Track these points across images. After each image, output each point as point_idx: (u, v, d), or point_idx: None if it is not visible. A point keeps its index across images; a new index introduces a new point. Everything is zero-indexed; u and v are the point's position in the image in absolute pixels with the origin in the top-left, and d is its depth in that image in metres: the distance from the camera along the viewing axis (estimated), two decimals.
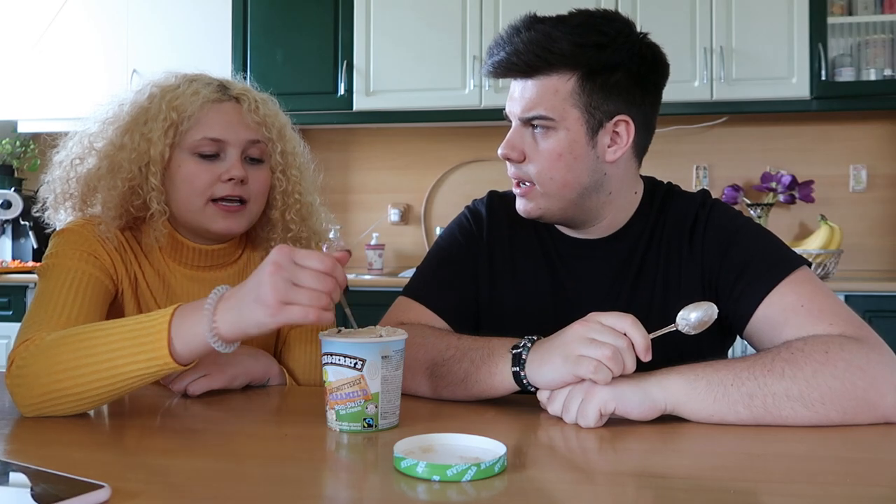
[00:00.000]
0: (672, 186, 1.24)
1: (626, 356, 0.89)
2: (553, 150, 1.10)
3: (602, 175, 1.13)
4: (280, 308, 0.83)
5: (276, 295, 0.83)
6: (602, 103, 1.09)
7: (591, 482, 0.76)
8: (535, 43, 1.08)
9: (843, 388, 0.90)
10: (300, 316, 0.84)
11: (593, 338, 0.90)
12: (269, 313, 0.84)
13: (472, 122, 3.29)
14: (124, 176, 1.15)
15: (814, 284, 1.05)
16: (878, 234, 3.18)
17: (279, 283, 0.83)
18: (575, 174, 1.11)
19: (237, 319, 0.87)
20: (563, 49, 1.07)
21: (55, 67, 3.44)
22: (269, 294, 0.83)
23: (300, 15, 3.21)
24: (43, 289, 1.10)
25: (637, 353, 0.90)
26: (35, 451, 0.85)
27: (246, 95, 1.20)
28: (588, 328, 0.91)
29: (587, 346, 0.90)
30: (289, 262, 0.84)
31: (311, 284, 0.84)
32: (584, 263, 1.20)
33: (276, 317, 0.84)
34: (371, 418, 0.90)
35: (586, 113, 1.09)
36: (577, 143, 1.10)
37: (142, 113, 1.16)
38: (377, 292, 2.89)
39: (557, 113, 1.09)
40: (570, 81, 1.08)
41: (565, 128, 1.10)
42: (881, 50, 2.94)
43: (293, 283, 0.84)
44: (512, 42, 1.10)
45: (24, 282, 3.07)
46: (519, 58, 1.09)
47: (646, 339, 0.90)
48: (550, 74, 1.09)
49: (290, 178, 1.25)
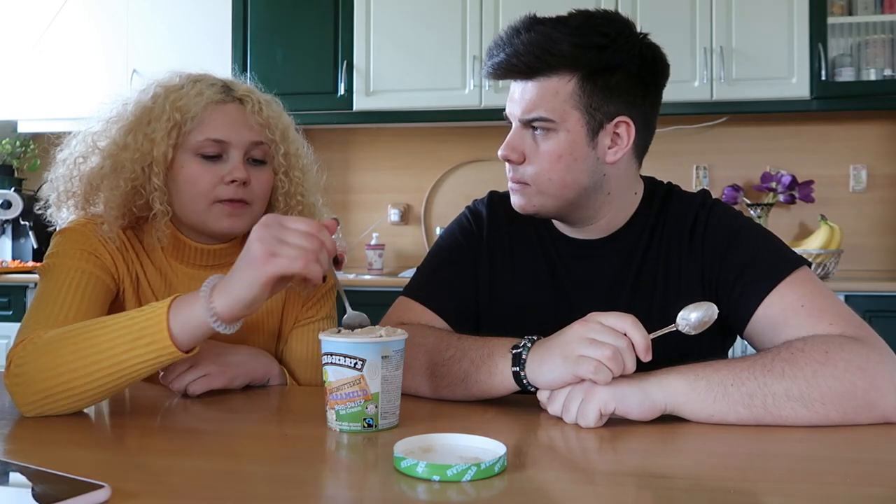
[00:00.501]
0: (672, 187, 1.23)
1: (627, 356, 0.89)
2: (553, 152, 1.10)
3: (601, 176, 1.13)
4: (267, 259, 0.87)
5: (263, 247, 0.87)
6: (602, 104, 1.09)
7: (591, 482, 0.76)
8: (535, 45, 1.07)
9: (843, 389, 0.90)
10: (286, 264, 0.87)
11: (593, 338, 0.90)
12: (257, 266, 0.88)
13: (472, 122, 3.29)
14: (127, 176, 1.15)
15: (814, 285, 1.05)
16: (878, 234, 3.18)
17: (266, 237, 0.88)
18: (574, 175, 1.11)
19: (231, 292, 0.90)
20: (564, 51, 1.07)
21: (55, 67, 3.44)
22: (257, 248, 0.87)
23: (300, 15, 3.21)
24: (43, 288, 1.10)
25: (637, 354, 0.90)
26: (35, 451, 0.85)
27: (250, 97, 1.21)
28: (588, 328, 0.91)
29: (587, 346, 0.90)
30: (275, 222, 0.89)
31: (297, 241, 0.88)
32: (583, 263, 1.20)
33: (264, 267, 0.87)
34: (371, 418, 0.90)
35: (587, 114, 1.09)
36: (578, 145, 1.10)
37: (145, 113, 1.17)
38: (377, 292, 2.89)
39: (558, 114, 1.09)
40: (571, 83, 1.08)
41: (566, 129, 1.09)
42: (881, 50, 2.94)
43: (280, 239, 0.88)
44: (512, 43, 1.09)
45: (24, 282, 3.07)
46: (519, 59, 1.09)
47: (646, 339, 0.90)
48: (550, 76, 1.09)
49: (292, 179, 1.25)
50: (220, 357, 1.11)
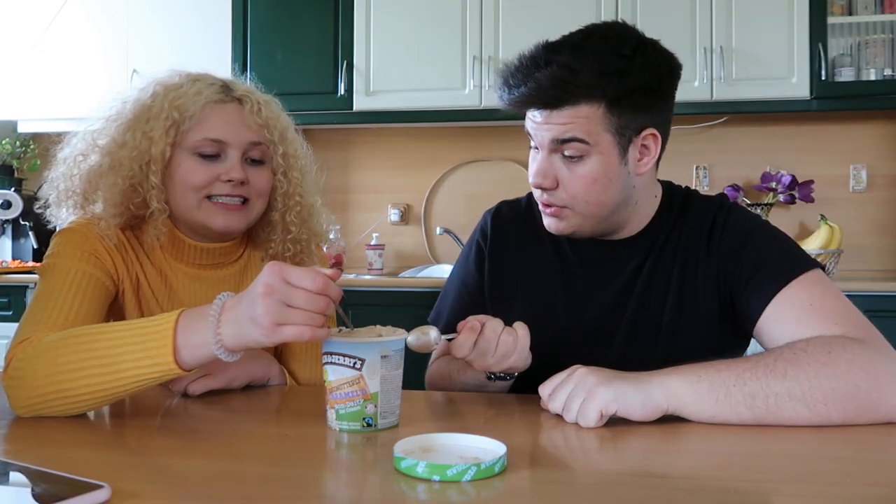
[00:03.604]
0: (690, 191, 1.25)
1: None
2: (588, 175, 1.10)
3: (632, 188, 1.15)
4: (275, 329, 0.84)
5: (270, 318, 0.83)
6: (630, 122, 1.10)
7: (591, 482, 0.76)
8: (557, 78, 1.06)
9: (845, 390, 0.90)
10: (295, 335, 0.84)
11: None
12: (264, 334, 0.84)
13: (472, 122, 3.29)
14: (125, 174, 1.15)
15: (824, 286, 1.06)
16: (878, 234, 3.18)
17: (272, 305, 0.83)
18: (609, 194, 1.12)
19: (237, 334, 0.87)
20: (588, 81, 1.06)
21: (55, 67, 3.43)
22: (264, 317, 0.83)
23: (300, 15, 3.21)
24: (43, 288, 1.10)
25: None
26: (35, 451, 0.85)
27: (249, 97, 1.20)
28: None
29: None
30: (281, 284, 0.84)
31: (304, 305, 0.84)
32: (599, 263, 1.21)
33: (271, 337, 0.84)
34: (370, 418, 0.90)
35: (617, 135, 1.09)
36: (611, 166, 1.10)
37: (144, 111, 1.17)
38: (377, 292, 2.88)
39: (592, 137, 1.08)
40: (600, 109, 1.08)
41: (598, 152, 1.09)
42: (881, 50, 2.93)
43: (286, 304, 0.84)
44: (533, 77, 1.07)
45: (24, 282, 3.07)
46: (542, 93, 1.08)
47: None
48: (578, 104, 1.08)
49: (290, 180, 1.25)
50: None
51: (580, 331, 1.19)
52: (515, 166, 3.38)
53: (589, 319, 1.19)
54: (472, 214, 3.35)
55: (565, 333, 1.19)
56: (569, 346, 1.15)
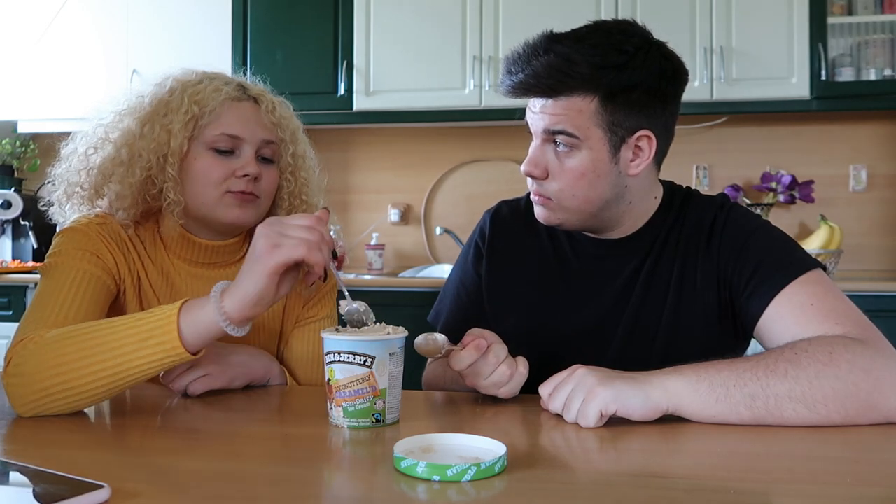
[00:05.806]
0: (691, 191, 1.25)
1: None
2: (576, 169, 1.10)
3: (623, 188, 1.14)
4: (271, 250, 0.92)
5: (266, 241, 0.92)
6: (624, 120, 1.09)
7: (591, 482, 0.76)
8: (554, 66, 1.07)
9: (845, 390, 0.90)
10: (289, 252, 0.92)
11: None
12: (261, 258, 0.92)
13: (472, 122, 3.29)
14: (143, 164, 1.16)
15: (825, 286, 1.05)
16: (878, 234, 3.18)
17: (269, 233, 0.93)
18: (597, 191, 1.12)
19: (240, 293, 0.93)
20: (584, 73, 1.06)
21: (55, 67, 3.43)
22: (261, 243, 0.92)
23: (300, 15, 3.21)
24: (44, 287, 1.10)
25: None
26: (35, 451, 0.85)
27: (264, 97, 1.24)
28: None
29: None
30: (276, 220, 0.95)
31: (298, 232, 0.93)
32: (598, 262, 1.21)
33: (268, 258, 0.92)
34: (379, 413, 0.92)
35: (609, 132, 1.09)
36: (600, 162, 1.10)
37: (162, 105, 1.18)
38: (377, 292, 2.89)
39: (582, 132, 1.09)
40: (593, 102, 1.08)
41: (588, 147, 1.09)
42: (881, 50, 2.93)
43: (281, 232, 0.93)
44: (531, 64, 1.08)
45: (24, 282, 3.07)
46: (539, 80, 1.08)
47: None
48: (572, 95, 1.08)
49: (298, 179, 1.27)
50: (220, 357, 1.11)
51: (580, 330, 1.19)
52: (515, 166, 3.38)
53: (589, 319, 1.19)
54: (472, 214, 3.36)
55: (565, 333, 1.19)
56: (568, 345, 1.15)
